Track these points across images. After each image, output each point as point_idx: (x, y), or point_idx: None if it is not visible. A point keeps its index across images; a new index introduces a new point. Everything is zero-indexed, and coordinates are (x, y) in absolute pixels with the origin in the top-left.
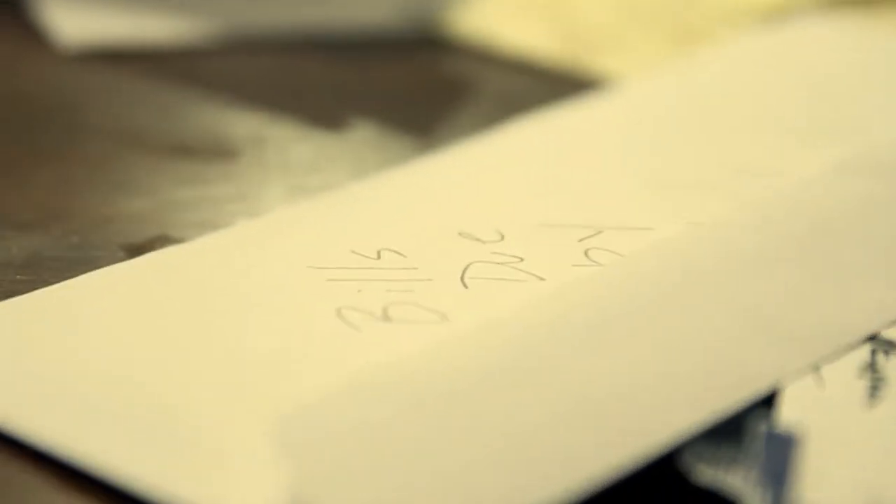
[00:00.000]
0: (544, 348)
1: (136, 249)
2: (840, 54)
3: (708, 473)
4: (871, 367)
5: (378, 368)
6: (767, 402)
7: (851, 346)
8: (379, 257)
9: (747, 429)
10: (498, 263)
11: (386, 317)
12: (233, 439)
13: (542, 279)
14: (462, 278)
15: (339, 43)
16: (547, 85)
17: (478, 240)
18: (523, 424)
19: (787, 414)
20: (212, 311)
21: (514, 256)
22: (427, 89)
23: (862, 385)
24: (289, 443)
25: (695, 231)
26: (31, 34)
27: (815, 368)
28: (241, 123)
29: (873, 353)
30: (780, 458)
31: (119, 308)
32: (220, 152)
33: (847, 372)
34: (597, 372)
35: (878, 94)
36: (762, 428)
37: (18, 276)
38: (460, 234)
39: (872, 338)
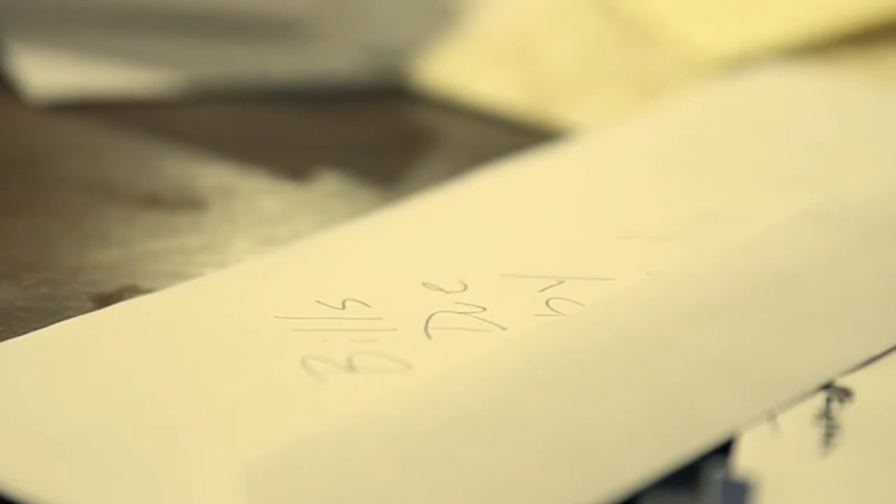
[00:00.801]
0: (505, 398)
1: (104, 300)
2: (800, 102)
3: None
4: (826, 414)
5: (344, 417)
6: (723, 450)
7: (807, 394)
8: (344, 307)
9: (703, 476)
10: (461, 313)
11: (350, 366)
12: (200, 488)
13: (504, 329)
14: (426, 328)
15: (306, 94)
16: (512, 135)
17: (441, 290)
18: (487, 471)
19: (743, 461)
20: (179, 361)
21: (477, 306)
22: (393, 140)
23: (816, 433)
24: (255, 492)
25: (655, 280)
26: (1, 86)
27: (771, 416)
28: (210, 175)
29: (828, 400)
30: None
31: (87, 359)
32: (189, 203)
33: (802, 419)
34: (557, 420)
35: (838, 141)
36: (718, 475)
37: None
38: (424, 284)
39: (828, 385)
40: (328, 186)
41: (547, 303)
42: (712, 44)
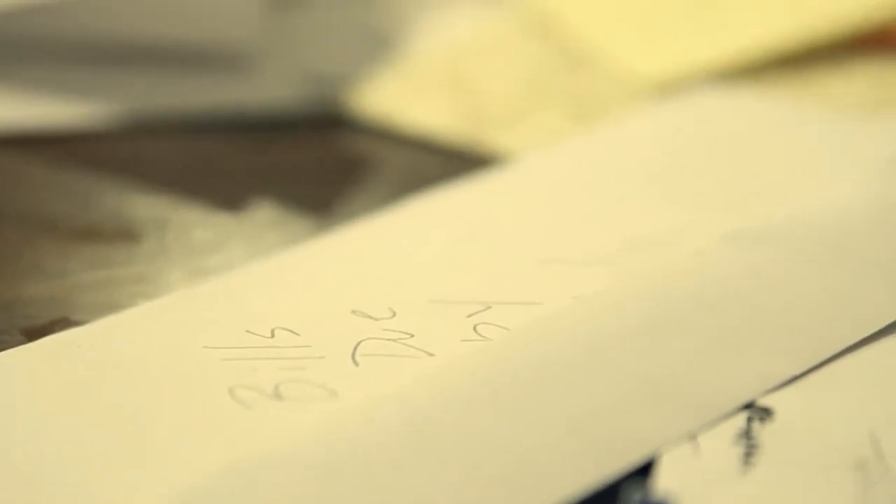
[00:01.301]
0: (430, 423)
1: (36, 332)
2: (732, 125)
3: None
4: (747, 434)
5: (271, 445)
6: (643, 471)
7: (729, 414)
8: (273, 336)
9: (622, 497)
10: (389, 340)
11: (277, 395)
12: None
13: (431, 355)
14: (353, 355)
15: (244, 123)
16: (447, 162)
17: (370, 317)
18: (413, 496)
19: (663, 482)
20: (108, 392)
21: (405, 333)
22: (329, 168)
23: (737, 452)
24: None
25: (581, 304)
26: None
27: (692, 436)
28: (147, 206)
29: (749, 420)
30: None
31: (15, 392)
32: (124, 235)
33: (723, 439)
34: (481, 444)
35: (769, 164)
36: (637, 496)
37: None
38: (353, 311)
39: (749, 405)
40: (261, 216)
41: (474, 328)
42: (647, 67)
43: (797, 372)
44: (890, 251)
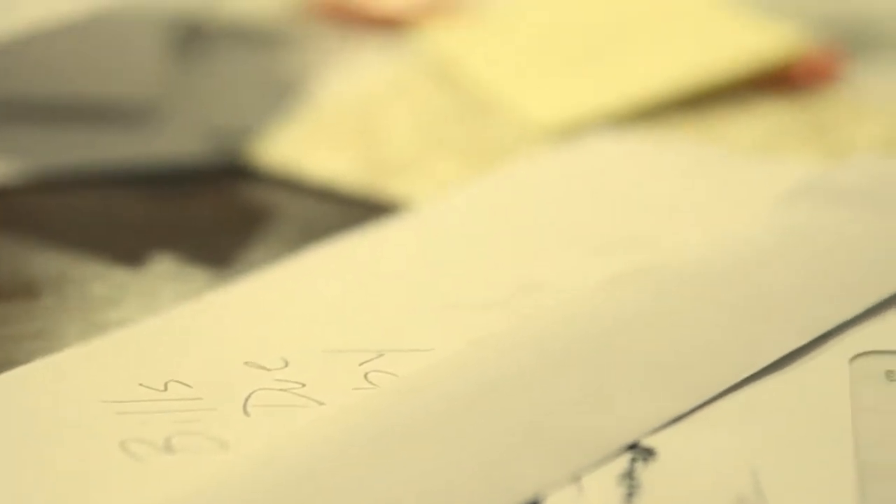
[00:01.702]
0: (317, 471)
1: None
2: (626, 169)
3: None
4: (629, 474)
5: (159, 499)
6: None
7: (612, 455)
8: (166, 389)
9: None
10: (280, 390)
11: (168, 448)
12: None
13: (321, 404)
14: (245, 406)
15: (145, 177)
16: (350, 211)
17: (262, 368)
18: None
19: None
20: (2, 448)
21: (297, 382)
22: (229, 219)
23: (620, 493)
24: None
25: (470, 349)
26: None
27: (576, 478)
28: (46, 262)
29: (632, 461)
30: None
31: None
32: (23, 291)
33: (606, 480)
34: (367, 491)
35: (660, 206)
36: None
37: None
38: (246, 363)
39: (633, 446)
40: (161, 269)
41: (365, 376)
42: (545, 113)
43: (679, 412)
44: (773, 291)
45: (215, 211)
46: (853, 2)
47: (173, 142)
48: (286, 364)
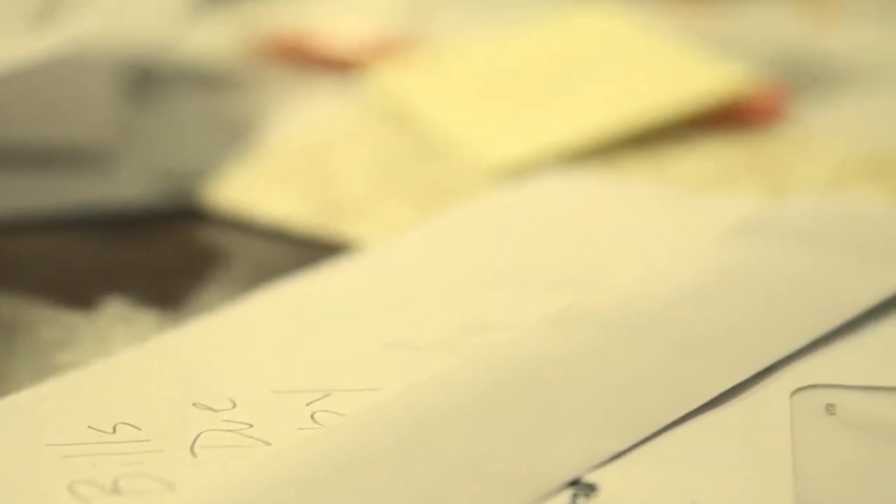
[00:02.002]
0: None
1: None
2: (576, 207)
3: None
4: None
5: None
6: None
7: (554, 491)
8: (115, 431)
9: None
10: (228, 431)
11: (116, 489)
12: None
13: (268, 444)
14: (192, 447)
15: (98, 220)
16: (302, 252)
17: (210, 409)
18: None
19: None
20: None
21: (244, 423)
22: (182, 262)
23: None
24: None
25: (415, 388)
26: None
27: None
28: None
29: (574, 496)
30: None
31: None
32: None
33: None
34: None
35: (607, 244)
36: None
37: None
38: (194, 404)
39: (575, 481)
40: (111, 312)
41: (312, 416)
42: (495, 154)
43: (621, 448)
44: (714, 326)
45: (167, 253)
46: (799, 40)
47: (125, 185)
48: (234, 405)
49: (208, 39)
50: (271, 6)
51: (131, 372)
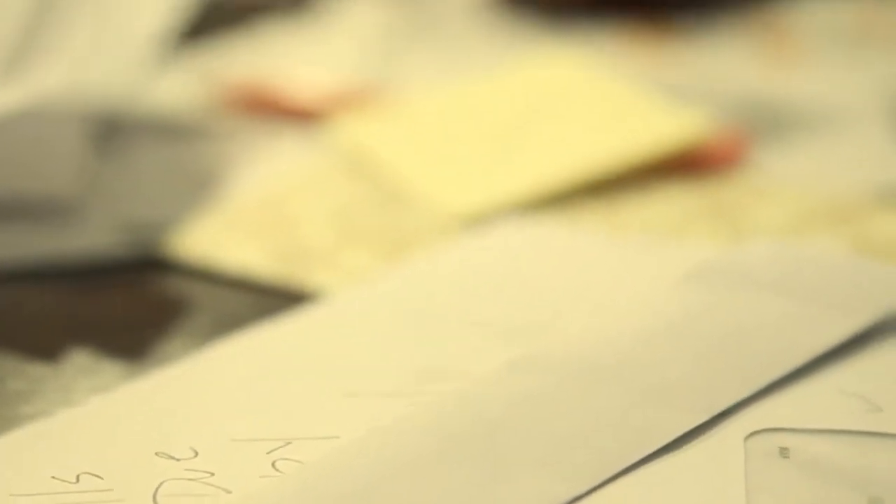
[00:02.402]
0: None
1: None
2: (535, 256)
3: None
4: None
5: None
6: None
7: None
8: (78, 481)
9: None
10: (189, 480)
11: None
12: None
13: (229, 492)
14: (154, 496)
15: (61, 271)
16: (264, 301)
17: (173, 458)
18: None
19: None
20: None
21: (206, 472)
22: (146, 312)
23: None
24: None
25: (371, 435)
26: None
27: None
28: None
29: None
30: None
31: None
32: None
33: None
34: None
35: (565, 291)
36: None
37: None
38: (157, 453)
39: None
40: (76, 363)
41: (273, 464)
42: (456, 203)
43: (574, 494)
44: (669, 372)
45: (131, 304)
46: (759, 85)
47: (90, 236)
48: (196, 454)
49: (172, 90)
50: (235, 56)
51: (95, 422)
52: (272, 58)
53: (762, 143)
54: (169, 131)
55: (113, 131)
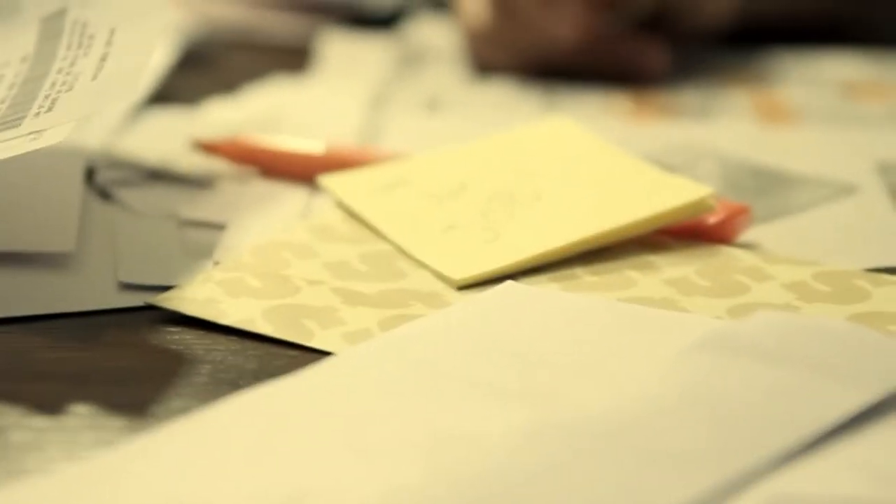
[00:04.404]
0: None
1: None
2: (534, 322)
3: None
4: None
5: None
6: None
7: None
8: None
9: None
10: None
11: None
12: None
13: None
14: None
15: (64, 324)
16: (265, 358)
17: None
18: None
19: None
20: None
21: None
22: (148, 364)
23: None
24: None
25: (386, 499)
26: None
27: None
28: None
29: None
30: None
31: None
32: None
33: None
34: None
35: (571, 359)
36: None
37: None
38: None
39: None
40: (79, 418)
41: None
42: (456, 267)
43: None
44: (672, 443)
45: (133, 358)
46: (759, 154)
47: (91, 287)
48: None
49: (164, 142)
50: (231, 108)
51: (99, 478)
52: (270, 111)
53: (762, 212)
54: (166, 183)
55: (109, 181)
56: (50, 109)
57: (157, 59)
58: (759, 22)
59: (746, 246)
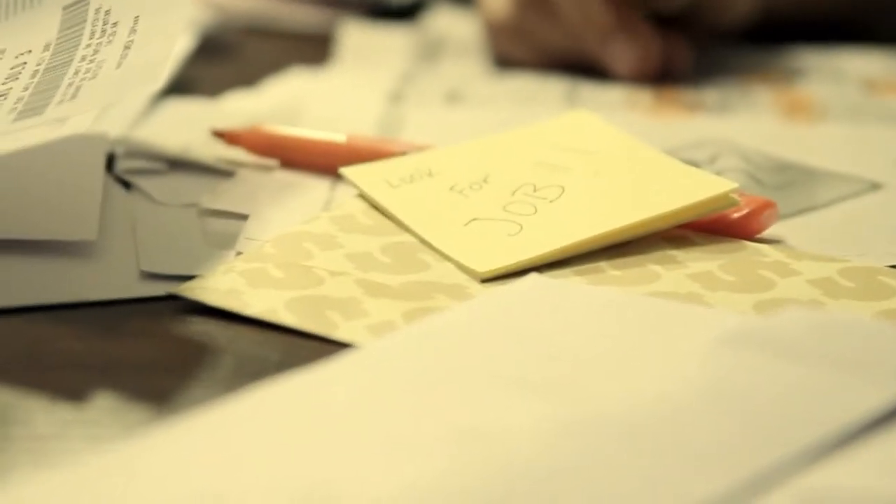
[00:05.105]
0: None
1: None
2: (559, 316)
3: None
4: None
5: None
6: None
7: None
8: None
9: None
10: None
11: None
12: None
13: None
14: None
15: (89, 312)
16: (289, 349)
17: None
18: None
19: None
20: None
21: None
22: (171, 356)
23: None
24: None
25: (413, 492)
26: None
27: None
28: None
29: None
30: None
31: None
32: None
33: None
34: None
35: (595, 353)
36: None
37: None
38: (184, 500)
39: None
40: (102, 406)
41: None
42: (480, 259)
43: None
44: (700, 439)
45: (157, 347)
46: (783, 149)
47: (113, 276)
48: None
49: (184, 132)
50: (252, 101)
51: (119, 468)
52: (289, 102)
53: (788, 208)
54: (189, 173)
55: (129, 169)
56: (74, 97)
57: (178, 48)
58: (780, 20)
59: (770, 241)
